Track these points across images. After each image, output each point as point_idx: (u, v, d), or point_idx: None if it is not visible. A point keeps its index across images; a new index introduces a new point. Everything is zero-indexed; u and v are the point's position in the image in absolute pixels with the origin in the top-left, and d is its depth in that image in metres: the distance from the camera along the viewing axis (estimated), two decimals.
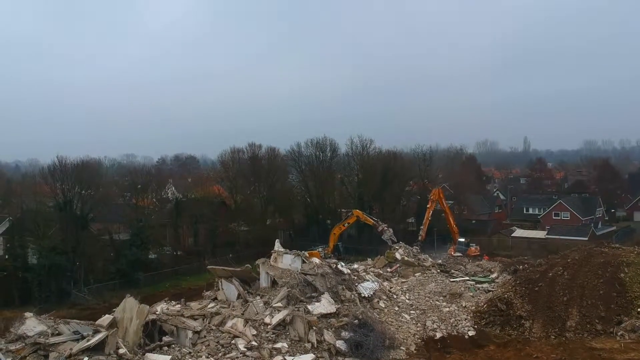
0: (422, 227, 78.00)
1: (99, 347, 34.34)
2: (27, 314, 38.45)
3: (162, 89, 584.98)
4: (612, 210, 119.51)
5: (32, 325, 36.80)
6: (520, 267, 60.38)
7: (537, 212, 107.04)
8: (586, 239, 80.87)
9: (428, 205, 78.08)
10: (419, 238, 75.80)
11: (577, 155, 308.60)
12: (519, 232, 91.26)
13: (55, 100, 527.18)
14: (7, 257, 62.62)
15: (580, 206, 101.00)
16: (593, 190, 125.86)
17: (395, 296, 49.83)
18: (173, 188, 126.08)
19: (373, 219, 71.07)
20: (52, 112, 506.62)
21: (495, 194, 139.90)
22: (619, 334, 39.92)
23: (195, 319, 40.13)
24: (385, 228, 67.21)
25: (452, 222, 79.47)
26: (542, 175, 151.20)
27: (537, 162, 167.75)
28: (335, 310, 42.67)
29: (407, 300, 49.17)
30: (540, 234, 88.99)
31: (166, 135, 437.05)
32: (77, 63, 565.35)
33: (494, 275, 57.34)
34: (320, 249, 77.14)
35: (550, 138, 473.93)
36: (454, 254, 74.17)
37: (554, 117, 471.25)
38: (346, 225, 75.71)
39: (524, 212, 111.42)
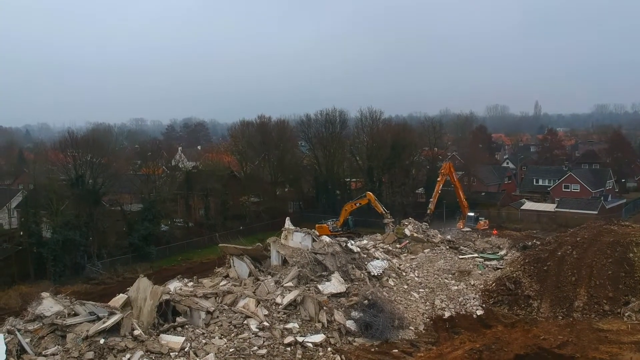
0: (431, 200, 78.24)
1: (114, 329, 35.16)
2: (44, 294, 39.29)
3: (172, 47, 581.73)
4: (623, 181, 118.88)
5: (49, 305, 37.66)
6: (530, 243, 60.82)
7: (547, 183, 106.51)
8: (596, 212, 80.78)
9: (438, 179, 78.13)
10: (428, 211, 76.07)
11: (588, 120, 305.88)
12: (528, 205, 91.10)
13: (64, 62, 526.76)
14: (22, 232, 63.60)
15: (590, 178, 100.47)
16: (604, 160, 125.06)
17: (404, 274, 50.37)
18: (183, 155, 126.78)
19: (383, 208, 71.58)
20: (60, 74, 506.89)
21: (506, 163, 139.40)
22: (627, 314, 40.31)
23: (207, 298, 40.80)
24: (390, 222, 67.84)
25: (462, 196, 79.54)
26: (553, 145, 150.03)
27: (547, 132, 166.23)
28: (345, 289, 43.30)
29: (416, 278, 49.72)
30: (549, 206, 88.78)
31: (176, 98, 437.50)
32: (79, 17, 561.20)
33: (502, 252, 57.71)
34: (329, 222, 77.68)
35: (561, 102, 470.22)
36: (463, 229, 74.52)
37: (566, 81, 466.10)
38: (357, 205, 76.17)
39: (534, 183, 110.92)
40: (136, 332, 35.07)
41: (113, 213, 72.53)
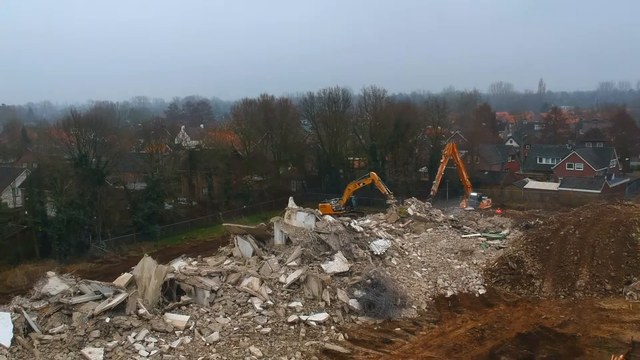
0: (434, 182, 78.09)
1: (120, 307, 35.54)
2: (50, 273, 39.70)
3: (174, 24, 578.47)
4: (627, 159, 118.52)
5: (54, 284, 38.06)
6: (532, 222, 60.95)
7: (550, 162, 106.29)
8: (599, 191, 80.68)
9: (441, 160, 77.82)
10: (431, 193, 76.01)
11: (593, 97, 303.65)
12: (531, 184, 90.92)
13: (66, 38, 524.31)
14: (26, 212, 63.90)
15: (594, 157, 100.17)
16: (608, 139, 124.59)
17: (407, 253, 50.64)
18: (186, 134, 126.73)
19: (386, 189, 71.49)
20: (63, 50, 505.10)
21: (509, 142, 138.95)
22: (628, 293, 40.52)
23: (211, 277, 41.13)
24: (393, 202, 67.82)
25: (465, 176, 79.35)
26: (557, 123, 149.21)
27: (551, 111, 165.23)
28: (348, 268, 43.61)
29: (418, 257, 49.99)
30: (553, 185, 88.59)
31: (178, 76, 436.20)
32: None
33: (505, 232, 57.89)
34: (332, 201, 77.78)
35: (565, 79, 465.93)
36: (466, 208, 74.57)
37: (570, 58, 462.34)
38: (361, 184, 76.07)
39: (537, 162, 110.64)
40: (141, 311, 35.46)
41: (117, 192, 72.68)
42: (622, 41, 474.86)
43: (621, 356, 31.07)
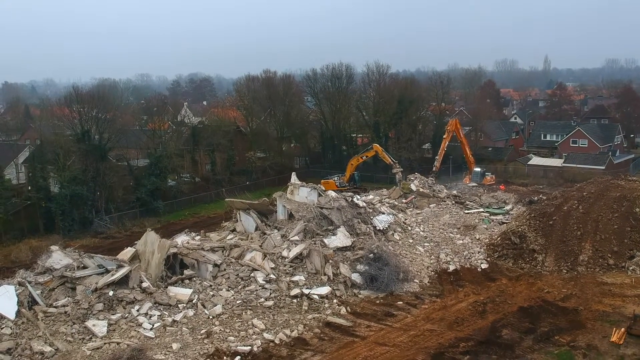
0: (437, 157, 77.74)
1: (123, 281, 35.75)
2: (53, 247, 39.87)
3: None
4: (632, 136, 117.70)
5: (58, 258, 38.23)
6: (536, 198, 60.81)
7: (554, 138, 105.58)
8: (603, 167, 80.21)
9: (444, 136, 77.33)
10: (434, 169, 75.77)
11: (599, 74, 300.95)
12: (535, 160, 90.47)
13: (68, 16, 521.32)
14: (30, 187, 63.92)
15: (598, 133, 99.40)
16: (613, 115, 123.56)
17: (409, 228, 50.61)
18: (188, 112, 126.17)
19: (391, 159, 70.98)
20: (65, 29, 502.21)
21: (513, 119, 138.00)
22: (631, 268, 40.55)
23: (214, 251, 41.26)
24: (399, 171, 67.46)
25: (468, 152, 78.96)
26: (562, 99, 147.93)
27: (557, 87, 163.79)
28: (350, 243, 43.65)
29: (421, 232, 49.98)
30: (557, 162, 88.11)
31: (180, 53, 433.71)
32: None
33: (508, 207, 57.80)
34: (335, 178, 77.57)
35: (571, 56, 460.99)
36: (469, 184, 74.37)
37: (576, 34, 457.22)
38: (364, 157, 75.60)
39: (542, 138, 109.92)
40: (144, 285, 35.69)
41: (120, 168, 72.60)
42: (629, 18, 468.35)
43: (622, 329, 31.21)
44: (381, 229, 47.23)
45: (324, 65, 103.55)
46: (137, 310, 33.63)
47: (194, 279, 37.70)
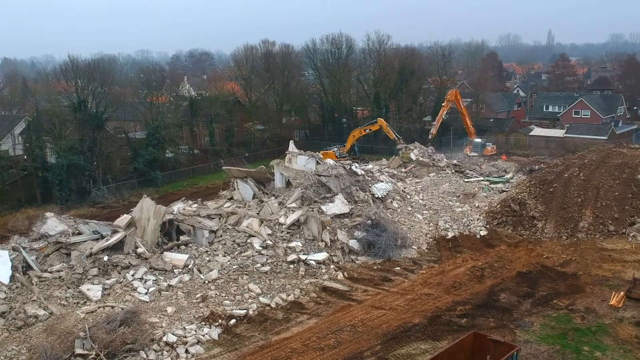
0: (434, 123, 77.09)
1: (118, 247, 35.49)
2: (48, 214, 39.54)
3: None
4: (635, 108, 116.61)
5: (53, 224, 37.95)
6: (537, 167, 60.20)
7: (557, 110, 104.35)
8: (605, 138, 79.40)
9: (443, 104, 76.55)
10: (430, 136, 75.17)
11: (602, 49, 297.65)
12: (537, 131, 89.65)
13: None
14: (26, 157, 63.44)
15: (601, 104, 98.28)
16: (616, 87, 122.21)
17: (408, 196, 50.21)
18: (188, 85, 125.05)
19: (395, 134, 70.31)
20: (63, 3, 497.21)
21: (516, 91, 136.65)
22: (631, 234, 40.14)
23: (211, 219, 40.94)
24: (403, 147, 66.53)
25: (468, 123, 78.21)
26: (564, 72, 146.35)
27: (560, 58, 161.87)
28: (348, 210, 43.24)
29: (420, 201, 49.59)
30: (558, 132, 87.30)
31: (180, 30, 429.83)
32: None
33: (508, 176, 57.28)
34: (335, 149, 76.89)
35: (575, 31, 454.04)
36: (470, 154, 73.77)
37: (581, 9, 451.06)
38: (367, 131, 74.92)
39: (544, 110, 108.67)
40: (140, 250, 35.42)
41: (118, 139, 72.06)
42: None
43: (622, 293, 30.90)
44: (380, 196, 46.79)
45: (323, 35, 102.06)
46: (132, 275, 33.42)
47: (190, 244, 37.45)
